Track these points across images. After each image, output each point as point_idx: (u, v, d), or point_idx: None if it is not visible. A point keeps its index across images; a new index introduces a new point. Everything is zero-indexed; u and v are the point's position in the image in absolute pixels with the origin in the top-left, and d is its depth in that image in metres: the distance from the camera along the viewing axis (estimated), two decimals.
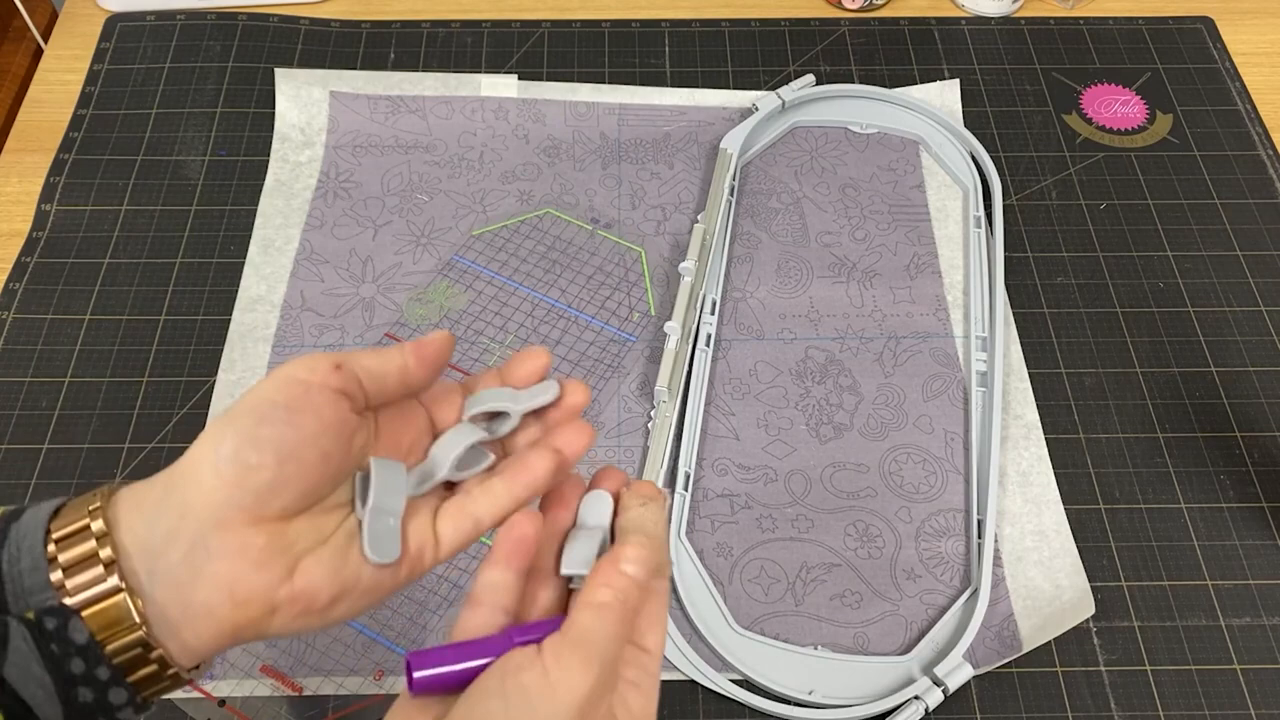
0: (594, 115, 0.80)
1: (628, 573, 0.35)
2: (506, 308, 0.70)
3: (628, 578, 0.35)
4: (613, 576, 0.35)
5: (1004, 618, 0.59)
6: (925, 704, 0.55)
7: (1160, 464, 0.65)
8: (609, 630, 0.34)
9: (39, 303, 0.70)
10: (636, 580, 0.35)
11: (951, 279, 0.73)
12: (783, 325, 0.70)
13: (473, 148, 0.79)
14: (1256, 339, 0.70)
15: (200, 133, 0.79)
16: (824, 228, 0.75)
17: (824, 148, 0.80)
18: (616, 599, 0.34)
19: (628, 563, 0.35)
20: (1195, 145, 0.80)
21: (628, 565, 0.35)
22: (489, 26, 0.86)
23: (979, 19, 0.88)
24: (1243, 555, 0.62)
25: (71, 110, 0.80)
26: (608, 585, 0.35)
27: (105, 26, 0.85)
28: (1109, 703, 0.57)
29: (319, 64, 0.83)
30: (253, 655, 0.57)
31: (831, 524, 0.62)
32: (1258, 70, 0.85)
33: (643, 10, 0.88)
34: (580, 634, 0.33)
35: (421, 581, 0.59)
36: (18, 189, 0.76)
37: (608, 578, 0.35)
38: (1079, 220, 0.76)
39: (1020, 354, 0.69)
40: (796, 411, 0.67)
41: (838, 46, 0.86)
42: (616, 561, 0.35)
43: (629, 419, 0.66)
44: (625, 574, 0.35)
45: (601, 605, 0.34)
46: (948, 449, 0.65)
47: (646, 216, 0.75)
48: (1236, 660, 0.58)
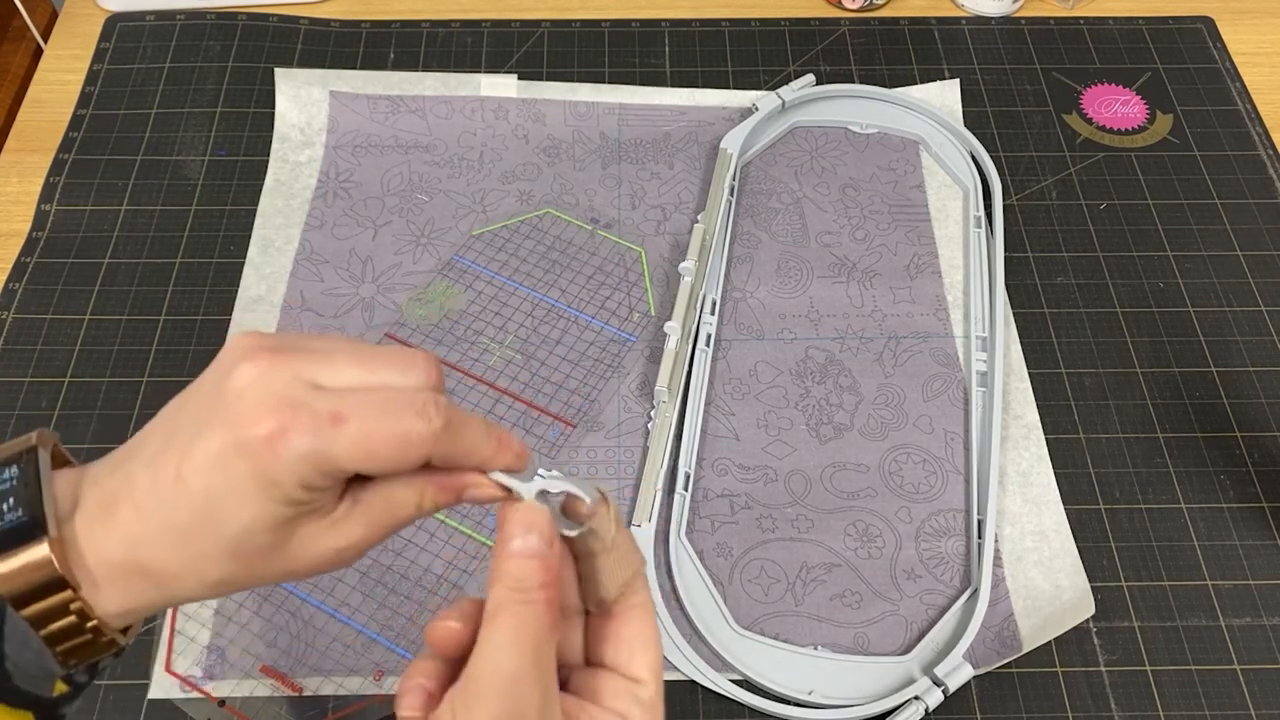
0: (594, 115, 0.80)
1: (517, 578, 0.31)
2: (506, 308, 0.70)
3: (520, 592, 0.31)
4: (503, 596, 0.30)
5: (1004, 618, 0.59)
6: (925, 704, 0.55)
7: (1160, 464, 0.65)
8: (513, 666, 0.29)
9: (39, 303, 0.70)
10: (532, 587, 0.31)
11: (951, 279, 0.73)
12: (783, 325, 0.70)
13: (473, 148, 0.79)
14: (1256, 339, 0.70)
15: (200, 133, 0.79)
16: (824, 228, 0.75)
17: (824, 148, 0.79)
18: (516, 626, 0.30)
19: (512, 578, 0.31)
20: (1195, 145, 0.80)
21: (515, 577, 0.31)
22: (489, 26, 0.86)
23: (979, 19, 0.88)
24: (1243, 555, 0.62)
25: (71, 110, 0.80)
26: (501, 610, 0.30)
27: (105, 26, 0.85)
28: (1109, 703, 0.57)
29: (319, 64, 0.83)
30: (253, 655, 0.57)
31: (831, 524, 0.62)
32: (1258, 70, 0.85)
33: (643, 10, 0.88)
34: (479, 681, 0.30)
35: (421, 582, 0.59)
36: (18, 189, 0.76)
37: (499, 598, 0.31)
38: (1079, 220, 0.76)
39: (1020, 354, 0.69)
40: (796, 411, 0.67)
41: (838, 46, 0.86)
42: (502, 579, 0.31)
43: (629, 419, 0.66)
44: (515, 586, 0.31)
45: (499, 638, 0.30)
46: (948, 449, 0.65)
47: (646, 216, 0.75)
48: (1236, 660, 0.58)
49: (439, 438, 0.31)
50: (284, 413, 0.30)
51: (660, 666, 0.34)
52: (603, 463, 0.64)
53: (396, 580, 0.59)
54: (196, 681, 0.56)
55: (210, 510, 0.31)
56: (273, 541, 0.32)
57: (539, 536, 0.31)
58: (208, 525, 0.31)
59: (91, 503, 0.32)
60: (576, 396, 0.67)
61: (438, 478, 0.33)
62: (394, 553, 0.60)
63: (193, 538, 0.31)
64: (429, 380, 0.32)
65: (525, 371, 0.68)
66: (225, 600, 0.58)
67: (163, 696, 0.55)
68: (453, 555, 0.60)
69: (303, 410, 0.30)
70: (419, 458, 0.31)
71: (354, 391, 0.31)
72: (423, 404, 0.31)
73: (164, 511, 0.31)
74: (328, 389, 0.31)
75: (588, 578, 0.34)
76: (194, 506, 0.31)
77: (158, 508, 0.31)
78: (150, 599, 0.32)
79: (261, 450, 0.30)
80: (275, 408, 0.30)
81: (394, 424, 0.31)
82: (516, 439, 0.34)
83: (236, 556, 0.31)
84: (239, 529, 0.31)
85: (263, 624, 0.58)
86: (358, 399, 0.31)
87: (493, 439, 0.33)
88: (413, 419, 0.31)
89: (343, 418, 0.30)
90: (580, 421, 0.66)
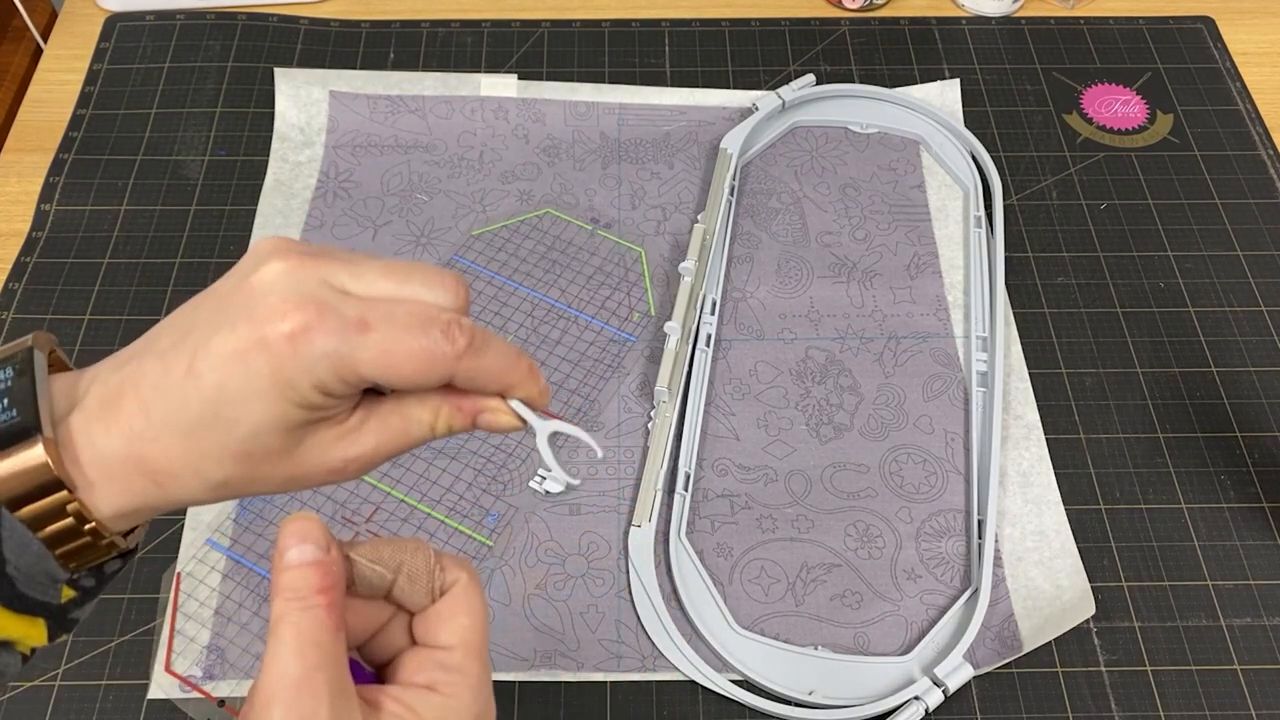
0: (594, 115, 0.80)
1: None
2: (506, 308, 0.70)
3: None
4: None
5: (1004, 618, 0.59)
6: (925, 704, 0.55)
7: (1161, 464, 0.65)
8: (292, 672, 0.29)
9: (39, 303, 0.70)
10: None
11: (952, 279, 0.73)
12: (783, 325, 0.70)
13: (472, 147, 0.78)
14: (1257, 339, 0.70)
15: (200, 132, 0.79)
16: (824, 228, 0.75)
17: (824, 147, 0.79)
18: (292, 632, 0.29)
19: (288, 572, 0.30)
20: (1196, 145, 0.80)
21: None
22: (489, 26, 0.86)
23: (979, 19, 0.88)
24: (1243, 555, 0.61)
25: (71, 110, 0.80)
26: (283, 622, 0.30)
27: (105, 26, 0.85)
28: (1109, 703, 0.57)
29: (318, 64, 0.83)
30: (252, 655, 0.57)
31: (832, 524, 0.62)
32: (1258, 70, 0.85)
33: (643, 10, 0.88)
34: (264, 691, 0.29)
35: None
36: (17, 189, 0.76)
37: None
38: (1079, 220, 0.76)
39: (1020, 354, 0.69)
40: (796, 412, 0.66)
41: (838, 46, 0.86)
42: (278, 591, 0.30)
43: (629, 419, 0.66)
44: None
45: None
46: (948, 449, 0.65)
47: (646, 216, 0.75)
48: (1237, 660, 0.58)
49: (462, 357, 0.31)
50: (310, 311, 0.30)
51: (474, 631, 0.32)
52: (603, 463, 0.64)
53: None
54: (196, 681, 0.56)
55: (221, 407, 0.30)
56: (281, 445, 0.31)
57: (314, 545, 0.31)
58: (217, 422, 0.30)
59: (93, 400, 0.31)
60: (576, 396, 0.67)
61: (455, 399, 0.33)
62: None
63: (200, 435, 0.30)
64: (456, 300, 0.32)
65: None
66: (225, 600, 0.58)
67: (162, 696, 0.55)
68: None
69: (330, 312, 0.30)
70: (441, 376, 0.31)
71: (382, 302, 0.31)
72: (448, 323, 0.31)
73: (172, 406, 0.30)
74: (356, 296, 0.31)
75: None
76: (204, 402, 0.30)
77: (165, 402, 0.30)
78: (150, 499, 0.31)
79: (283, 348, 0.29)
80: (301, 305, 0.30)
81: (419, 338, 0.30)
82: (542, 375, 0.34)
83: (242, 458, 0.31)
84: (249, 429, 0.30)
85: (263, 624, 0.58)
86: (385, 309, 0.31)
87: (521, 367, 0.33)
88: (438, 336, 0.31)
89: (369, 325, 0.30)
90: (580, 421, 0.66)
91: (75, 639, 0.57)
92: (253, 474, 0.32)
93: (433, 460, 0.64)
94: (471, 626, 0.32)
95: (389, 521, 0.61)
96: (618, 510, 0.62)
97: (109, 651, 0.57)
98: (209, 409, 0.30)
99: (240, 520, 0.61)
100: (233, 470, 0.31)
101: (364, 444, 0.33)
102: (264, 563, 0.60)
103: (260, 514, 0.61)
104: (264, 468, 0.32)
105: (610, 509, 0.62)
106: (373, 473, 0.63)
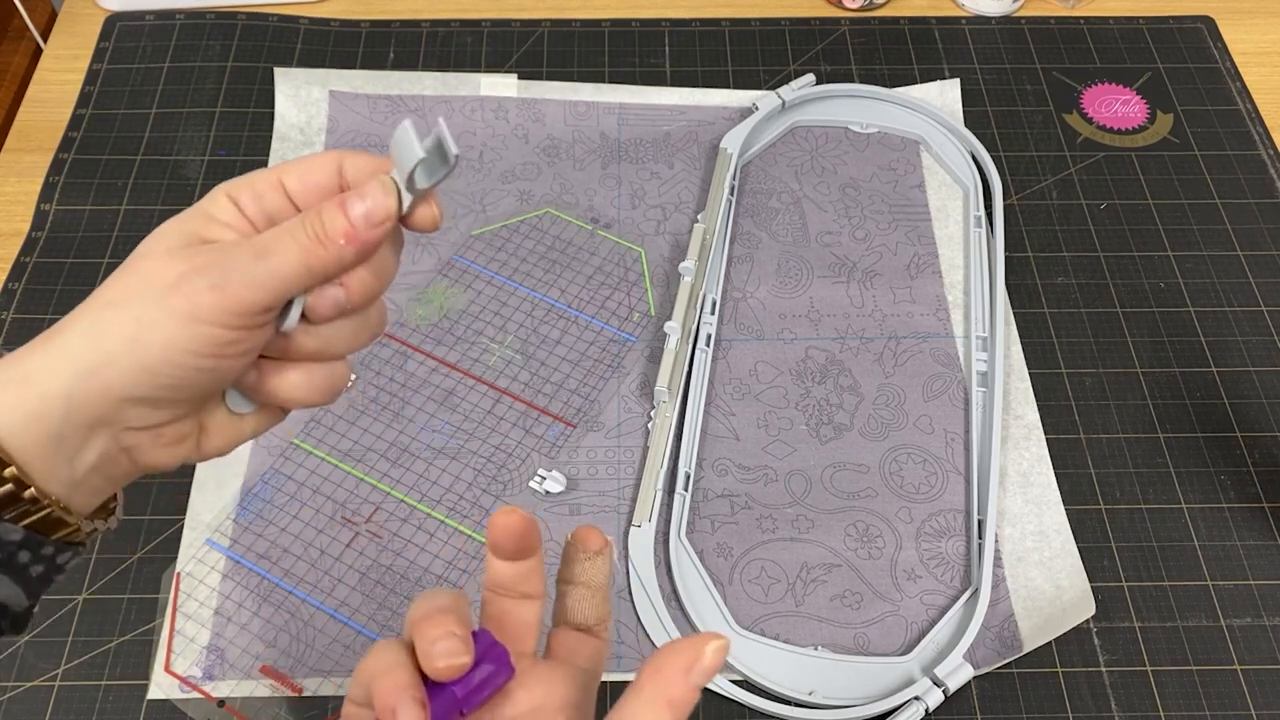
0: (594, 115, 0.80)
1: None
2: (506, 308, 0.70)
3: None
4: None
5: (1004, 618, 0.59)
6: (925, 704, 0.55)
7: (1161, 464, 0.65)
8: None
9: (39, 303, 0.70)
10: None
11: (952, 279, 0.73)
12: (783, 325, 0.70)
13: (472, 147, 0.78)
14: (1257, 339, 0.70)
15: (199, 132, 0.79)
16: (824, 228, 0.75)
17: (824, 147, 0.79)
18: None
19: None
20: (1196, 145, 0.80)
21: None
22: (489, 26, 0.86)
23: (979, 18, 0.88)
24: (1243, 555, 0.62)
25: (71, 110, 0.80)
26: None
27: (105, 26, 0.85)
28: (1109, 703, 0.57)
29: (318, 63, 0.83)
30: (252, 655, 0.57)
31: (832, 524, 0.62)
32: (1258, 70, 0.85)
33: (643, 10, 0.88)
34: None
35: (421, 582, 0.59)
36: (17, 189, 0.76)
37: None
38: (1079, 220, 0.76)
39: (1021, 354, 0.69)
40: (796, 412, 0.66)
41: (838, 46, 0.86)
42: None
43: (629, 419, 0.66)
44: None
45: None
46: (948, 449, 0.65)
47: (646, 216, 0.75)
48: (1237, 660, 0.58)
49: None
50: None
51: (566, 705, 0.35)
52: (603, 463, 0.64)
53: (396, 580, 0.59)
54: (196, 682, 0.56)
55: (135, 339, 0.32)
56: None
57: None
58: (130, 350, 0.32)
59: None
60: (576, 396, 0.67)
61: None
62: (394, 553, 0.60)
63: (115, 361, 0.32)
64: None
65: (525, 371, 0.68)
66: (225, 600, 0.58)
67: (162, 697, 0.55)
68: (452, 555, 0.60)
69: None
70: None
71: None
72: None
73: (86, 350, 0.32)
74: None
75: (568, 599, 0.38)
76: (123, 337, 0.32)
77: (77, 349, 0.32)
78: (67, 433, 0.32)
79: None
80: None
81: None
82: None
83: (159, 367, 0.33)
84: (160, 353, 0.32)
85: (262, 624, 0.58)
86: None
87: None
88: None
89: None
90: (580, 421, 0.66)
91: (75, 639, 0.57)
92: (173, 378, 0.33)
93: (433, 460, 0.64)
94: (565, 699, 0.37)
95: (389, 521, 0.61)
96: (618, 510, 0.62)
97: (109, 651, 0.57)
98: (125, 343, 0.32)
99: (240, 520, 0.61)
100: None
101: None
102: (263, 563, 0.60)
103: (260, 514, 0.61)
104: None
105: (610, 509, 0.62)
106: (373, 473, 0.63)
